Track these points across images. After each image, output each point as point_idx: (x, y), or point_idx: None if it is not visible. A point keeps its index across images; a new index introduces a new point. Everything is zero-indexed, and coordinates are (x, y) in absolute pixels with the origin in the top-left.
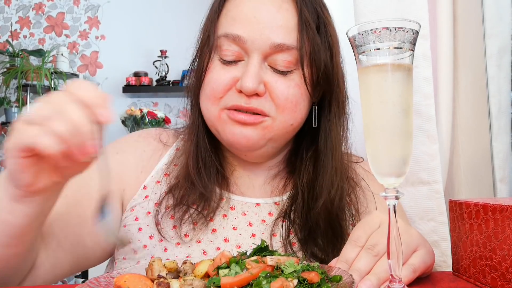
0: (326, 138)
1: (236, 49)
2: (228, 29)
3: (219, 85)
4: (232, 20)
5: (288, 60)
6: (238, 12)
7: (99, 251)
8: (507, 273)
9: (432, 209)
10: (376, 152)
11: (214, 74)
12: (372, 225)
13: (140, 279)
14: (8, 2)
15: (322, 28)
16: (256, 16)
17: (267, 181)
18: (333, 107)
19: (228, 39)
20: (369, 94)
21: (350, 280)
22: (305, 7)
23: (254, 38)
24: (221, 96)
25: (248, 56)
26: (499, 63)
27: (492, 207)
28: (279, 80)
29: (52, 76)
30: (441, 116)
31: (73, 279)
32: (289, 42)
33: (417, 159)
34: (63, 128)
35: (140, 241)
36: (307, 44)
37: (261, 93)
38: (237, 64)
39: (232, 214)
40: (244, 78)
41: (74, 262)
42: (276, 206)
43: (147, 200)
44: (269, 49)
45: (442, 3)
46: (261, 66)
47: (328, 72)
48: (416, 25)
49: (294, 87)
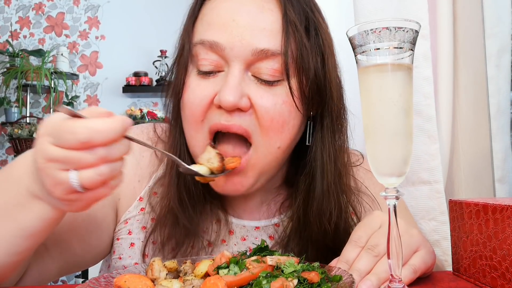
0: (316, 159)
1: (214, 58)
2: (203, 35)
3: (197, 106)
4: (208, 25)
5: (273, 68)
6: (214, 15)
7: (89, 257)
8: (507, 272)
9: (433, 209)
10: (376, 152)
11: (191, 92)
12: (373, 226)
13: (140, 279)
14: (8, 2)
15: (312, 30)
16: (234, 19)
17: (264, 201)
18: (325, 121)
19: (205, 47)
20: (369, 94)
21: (350, 280)
22: (291, 7)
23: (234, 44)
24: (202, 119)
25: (228, 66)
26: (498, 63)
27: (492, 207)
28: (264, 95)
29: (52, 76)
30: (441, 116)
31: (73, 279)
32: (274, 47)
33: (417, 159)
34: (108, 171)
35: (131, 258)
36: (294, 49)
37: (245, 108)
38: (216, 75)
39: (231, 240)
40: (223, 91)
41: (62, 267)
42: (277, 228)
43: (142, 213)
44: (251, 56)
45: (442, 3)
46: (243, 77)
47: (319, 80)
48: (416, 25)
49: (282, 105)
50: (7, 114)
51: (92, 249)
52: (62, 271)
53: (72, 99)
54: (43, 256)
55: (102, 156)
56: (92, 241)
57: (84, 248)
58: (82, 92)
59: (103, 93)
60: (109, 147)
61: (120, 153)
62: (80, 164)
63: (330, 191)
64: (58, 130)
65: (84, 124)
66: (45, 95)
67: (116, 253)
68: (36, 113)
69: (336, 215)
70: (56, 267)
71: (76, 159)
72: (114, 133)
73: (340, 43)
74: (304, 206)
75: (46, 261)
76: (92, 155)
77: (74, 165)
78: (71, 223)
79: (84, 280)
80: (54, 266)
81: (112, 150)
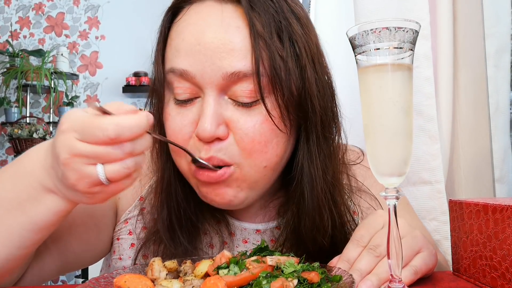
0: (303, 175)
1: (187, 85)
2: (173, 63)
3: (178, 136)
4: (176, 52)
5: (249, 90)
6: (180, 41)
7: (88, 256)
8: (507, 273)
9: (434, 209)
10: (376, 152)
11: (172, 121)
12: (376, 225)
13: (140, 279)
14: (8, 2)
15: (286, 40)
16: (200, 43)
17: (265, 205)
18: (311, 136)
19: (176, 75)
20: (369, 94)
21: (350, 280)
22: (259, 19)
23: (203, 70)
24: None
25: (203, 93)
26: (497, 63)
27: (492, 207)
28: (242, 117)
29: (52, 76)
30: (441, 116)
31: (73, 279)
32: (245, 68)
33: (418, 159)
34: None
35: (131, 259)
36: (266, 66)
37: (223, 137)
38: (194, 102)
39: (233, 242)
40: (200, 122)
41: (62, 266)
42: (277, 231)
43: (144, 213)
44: (223, 81)
45: (442, 3)
46: (220, 102)
47: (298, 94)
48: (416, 25)
49: (261, 124)
50: (7, 114)
51: (91, 248)
52: (62, 269)
53: (72, 99)
54: (43, 254)
55: (129, 151)
56: (91, 240)
57: (83, 247)
58: (82, 92)
59: (103, 93)
60: (135, 142)
61: (144, 147)
62: (109, 159)
63: (322, 206)
64: (87, 127)
65: (113, 121)
66: (45, 95)
67: (116, 253)
68: (36, 113)
69: (331, 229)
70: (56, 265)
71: (104, 154)
72: (140, 129)
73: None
74: (297, 220)
75: (46, 259)
76: (120, 150)
77: (102, 160)
78: (70, 222)
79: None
80: (54, 265)
81: (137, 145)
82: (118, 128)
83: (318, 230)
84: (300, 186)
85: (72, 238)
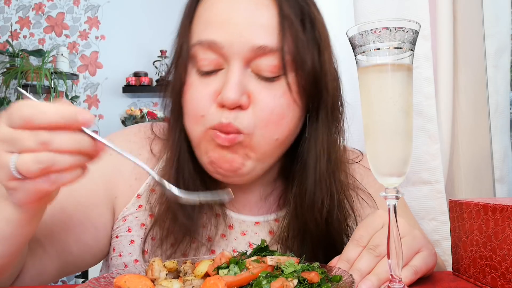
0: (309, 150)
1: (214, 57)
2: (201, 36)
3: (199, 103)
4: (205, 25)
5: (273, 65)
6: (211, 15)
7: (88, 257)
8: (507, 272)
9: (433, 209)
10: (376, 152)
11: (193, 92)
12: (375, 225)
13: (140, 279)
14: (8, 2)
15: (308, 23)
16: (232, 17)
17: (262, 197)
18: (321, 113)
19: (203, 47)
20: (369, 94)
21: (350, 280)
22: (286, 1)
23: (232, 42)
24: (203, 115)
25: (227, 64)
26: (496, 64)
27: (492, 207)
28: (263, 90)
29: (52, 76)
30: (441, 116)
31: (73, 279)
32: (271, 44)
33: (418, 159)
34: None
35: (131, 255)
36: (290, 44)
37: (245, 106)
38: (217, 74)
39: (231, 234)
40: (225, 90)
41: (62, 268)
42: (276, 223)
43: (141, 210)
44: (251, 53)
45: (442, 3)
46: (244, 74)
47: (316, 73)
48: (416, 25)
49: (280, 98)
50: None
51: (89, 249)
52: (62, 271)
53: (72, 99)
54: (41, 256)
55: (43, 140)
56: (88, 241)
57: (81, 248)
58: (82, 92)
59: (103, 93)
60: (54, 133)
61: (68, 144)
62: (21, 146)
63: (322, 181)
64: (11, 109)
65: (31, 103)
66: (45, 95)
67: (116, 250)
68: None
69: (329, 205)
70: (55, 267)
71: (18, 138)
72: (59, 117)
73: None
74: (299, 198)
75: (44, 261)
76: (33, 136)
77: (16, 147)
78: (66, 222)
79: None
80: (53, 267)
81: (57, 137)
82: (33, 111)
83: (316, 203)
84: (305, 161)
85: (70, 239)
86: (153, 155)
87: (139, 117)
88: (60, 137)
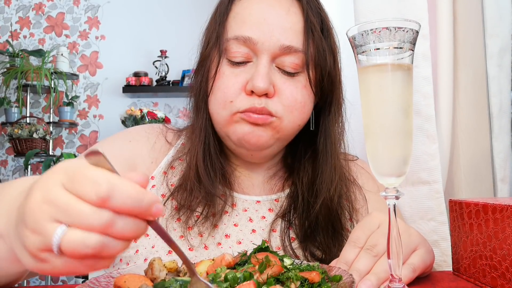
0: (326, 138)
1: (246, 50)
2: (238, 32)
3: (230, 90)
4: (242, 23)
5: (295, 63)
6: (247, 14)
7: None
8: (507, 272)
9: (432, 209)
10: (376, 152)
11: (225, 80)
12: (371, 226)
13: (140, 279)
14: (8, 2)
15: (326, 32)
16: (266, 18)
17: (266, 180)
18: (333, 108)
19: (238, 42)
20: (369, 94)
21: (350, 280)
22: (311, 11)
23: (264, 39)
24: (232, 101)
25: (257, 57)
26: (499, 63)
27: (492, 207)
28: (286, 82)
29: (52, 76)
30: (441, 116)
31: (73, 279)
32: (297, 45)
33: (417, 159)
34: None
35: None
36: (312, 48)
37: (271, 94)
38: (245, 65)
39: (233, 211)
40: (256, 78)
41: None
42: (276, 203)
43: (154, 189)
44: (278, 51)
45: (442, 3)
46: (270, 67)
47: (332, 74)
48: (416, 25)
49: (302, 89)
50: (7, 114)
51: None
52: None
53: (72, 99)
54: None
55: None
56: None
57: None
58: (82, 92)
59: (103, 93)
60: (119, 216)
61: (129, 231)
62: (79, 221)
63: (333, 165)
64: (79, 174)
65: (110, 179)
66: (45, 95)
67: None
68: (36, 113)
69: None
70: None
71: (78, 211)
72: (136, 203)
73: (340, 43)
74: (310, 181)
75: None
76: (97, 214)
77: (70, 219)
78: None
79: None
80: None
81: (120, 221)
82: (113, 189)
83: (332, 183)
84: (320, 149)
85: None
86: (168, 143)
87: (139, 117)
88: (123, 222)
